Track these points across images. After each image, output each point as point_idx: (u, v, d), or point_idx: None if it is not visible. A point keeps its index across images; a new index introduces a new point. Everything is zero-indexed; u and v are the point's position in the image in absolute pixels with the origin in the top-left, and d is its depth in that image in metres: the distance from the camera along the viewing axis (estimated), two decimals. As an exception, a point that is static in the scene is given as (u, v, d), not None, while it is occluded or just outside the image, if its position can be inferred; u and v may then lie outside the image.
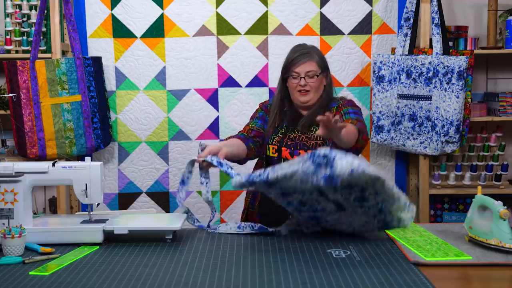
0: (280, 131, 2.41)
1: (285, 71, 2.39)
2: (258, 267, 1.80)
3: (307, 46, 2.43)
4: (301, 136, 2.38)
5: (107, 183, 3.32)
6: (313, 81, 2.36)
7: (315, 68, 2.37)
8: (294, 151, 2.36)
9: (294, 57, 2.36)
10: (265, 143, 2.43)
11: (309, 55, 2.37)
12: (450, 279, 1.72)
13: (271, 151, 2.40)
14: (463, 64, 2.99)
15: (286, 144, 2.37)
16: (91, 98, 3.18)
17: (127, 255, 1.95)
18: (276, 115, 2.41)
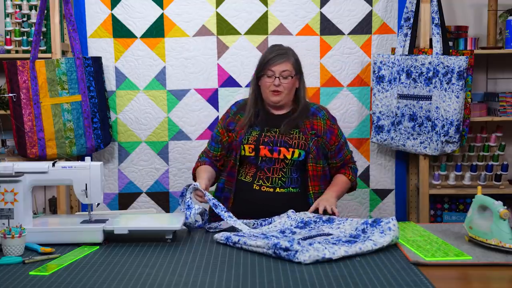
0: (254, 132, 2.42)
1: (260, 70, 2.42)
2: (258, 267, 1.80)
3: (284, 47, 2.46)
4: (280, 135, 2.40)
5: (107, 183, 3.32)
6: (287, 82, 2.38)
7: (290, 69, 2.39)
8: (274, 148, 2.37)
9: (271, 56, 2.39)
10: (237, 143, 2.41)
11: (286, 56, 2.39)
12: (450, 279, 1.72)
13: (247, 150, 2.39)
14: (463, 64, 2.99)
15: (263, 142, 2.38)
16: (91, 98, 3.18)
17: (127, 255, 1.95)
18: (250, 116, 2.44)
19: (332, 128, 2.48)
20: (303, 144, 2.37)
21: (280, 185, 2.37)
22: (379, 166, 3.35)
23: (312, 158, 2.39)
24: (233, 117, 2.50)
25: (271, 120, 2.45)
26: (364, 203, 3.36)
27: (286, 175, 2.38)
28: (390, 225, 1.97)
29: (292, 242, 1.83)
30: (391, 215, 3.35)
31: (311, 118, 2.45)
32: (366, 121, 3.32)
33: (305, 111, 2.46)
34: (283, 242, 1.84)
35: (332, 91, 3.29)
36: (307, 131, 2.41)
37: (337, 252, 1.82)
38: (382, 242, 1.91)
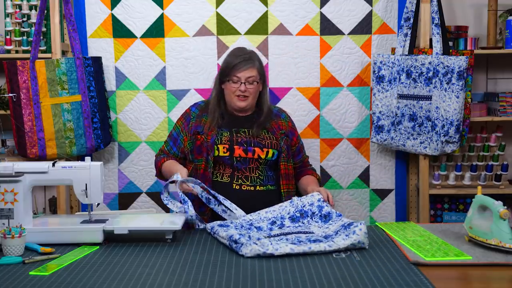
0: (224, 133, 2.43)
1: (225, 75, 2.42)
2: (258, 267, 1.80)
3: (248, 51, 2.46)
4: (252, 136, 2.44)
5: (107, 183, 3.32)
6: (252, 87, 2.41)
7: (256, 74, 2.41)
8: (248, 148, 2.39)
9: (236, 62, 2.38)
10: (208, 145, 2.40)
11: (251, 62, 2.41)
12: (450, 279, 1.72)
13: (221, 150, 2.39)
14: (463, 64, 2.99)
15: (237, 142, 2.40)
16: (91, 98, 3.18)
17: (127, 255, 1.95)
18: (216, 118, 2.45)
19: (293, 130, 2.58)
20: (275, 144, 2.43)
21: (259, 183, 2.41)
22: (379, 166, 3.35)
23: (284, 157, 2.45)
24: (197, 120, 2.51)
25: (237, 122, 2.48)
26: (364, 203, 3.36)
27: (262, 173, 2.42)
28: (356, 229, 1.97)
29: (242, 235, 1.93)
30: (391, 215, 3.36)
31: (275, 119, 2.53)
32: (366, 121, 3.32)
33: (270, 113, 2.53)
34: (236, 234, 1.93)
35: (332, 91, 3.29)
36: (275, 131, 2.47)
37: (281, 249, 1.86)
38: (339, 245, 1.92)
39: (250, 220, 2.16)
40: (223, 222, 2.15)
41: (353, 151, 3.32)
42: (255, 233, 2.06)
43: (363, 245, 1.96)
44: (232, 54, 2.46)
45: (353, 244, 1.94)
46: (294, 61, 3.27)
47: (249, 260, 1.86)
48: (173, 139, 2.54)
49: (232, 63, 2.39)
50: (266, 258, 1.87)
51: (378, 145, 3.33)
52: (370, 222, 3.35)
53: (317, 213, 2.18)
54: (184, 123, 2.54)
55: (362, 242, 1.96)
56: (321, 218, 2.17)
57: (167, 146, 2.58)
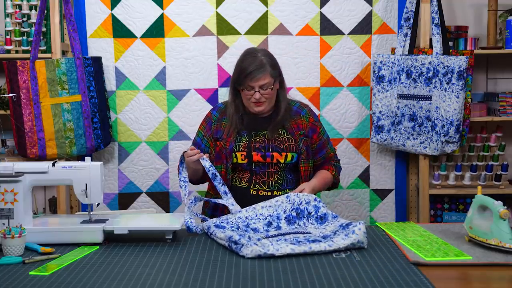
0: (243, 138, 2.38)
1: (239, 84, 2.35)
2: (258, 267, 1.80)
3: (259, 56, 2.35)
4: (270, 140, 2.38)
5: (107, 183, 3.32)
6: (267, 93, 2.34)
7: (269, 80, 2.33)
8: (266, 154, 2.35)
9: (249, 71, 2.31)
10: (227, 152, 2.37)
11: (263, 69, 2.32)
12: (450, 279, 1.72)
13: (239, 158, 2.35)
14: (463, 64, 2.99)
15: (255, 148, 2.35)
16: (91, 98, 3.18)
17: (127, 255, 1.95)
18: (235, 123, 2.39)
19: (314, 126, 2.46)
20: (294, 147, 2.37)
21: (277, 187, 2.36)
22: (379, 166, 3.35)
23: (304, 158, 2.39)
24: (218, 124, 2.44)
25: (257, 123, 2.41)
26: (364, 203, 3.36)
27: (281, 177, 2.38)
28: (356, 228, 1.96)
29: (242, 236, 1.93)
30: (391, 215, 3.36)
31: (295, 118, 2.44)
32: (366, 121, 3.32)
33: (289, 111, 2.44)
34: (235, 235, 1.93)
35: (332, 91, 3.29)
36: (294, 131, 2.40)
37: (282, 249, 1.87)
38: (339, 244, 1.92)
39: (246, 219, 2.15)
40: (219, 222, 2.14)
41: (353, 151, 3.32)
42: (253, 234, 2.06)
43: (362, 244, 1.96)
44: (243, 60, 2.37)
45: (352, 244, 1.94)
46: (294, 61, 3.27)
47: (249, 260, 1.86)
48: (197, 145, 2.46)
49: (244, 72, 2.32)
50: (266, 258, 1.87)
51: (378, 145, 3.33)
52: (370, 222, 3.35)
53: (313, 214, 2.17)
54: (206, 127, 2.47)
55: (362, 242, 1.96)
56: (317, 220, 2.16)
57: None
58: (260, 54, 2.38)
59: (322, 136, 2.49)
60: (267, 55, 2.40)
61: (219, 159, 2.39)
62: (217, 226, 2.11)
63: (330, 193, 3.31)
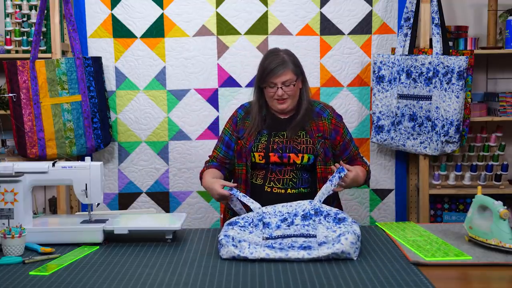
0: (262, 138, 2.41)
1: (262, 82, 2.40)
2: (258, 267, 1.80)
3: (280, 54, 2.41)
4: (288, 140, 2.39)
5: (107, 183, 3.32)
6: (289, 90, 2.37)
7: (291, 76, 2.37)
8: (283, 155, 2.36)
9: (271, 68, 2.35)
10: (247, 151, 2.40)
11: (285, 65, 2.36)
12: (450, 279, 1.72)
13: (257, 158, 2.38)
14: (463, 64, 2.99)
15: (273, 149, 2.37)
16: (91, 98, 3.18)
17: (127, 255, 1.95)
18: (257, 123, 2.43)
19: (337, 127, 2.46)
20: (311, 149, 2.37)
21: (291, 185, 2.36)
22: (379, 166, 3.35)
23: (321, 160, 2.38)
24: (242, 123, 2.49)
25: (278, 124, 2.44)
26: (364, 203, 3.36)
27: (296, 176, 2.38)
28: (342, 238, 1.89)
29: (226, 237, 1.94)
30: (391, 215, 3.36)
31: (316, 119, 2.44)
32: (366, 121, 3.32)
33: (310, 112, 2.44)
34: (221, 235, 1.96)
35: (332, 91, 3.29)
36: (313, 133, 2.40)
37: (257, 253, 1.88)
38: (320, 253, 1.88)
39: (263, 213, 2.13)
40: (234, 219, 2.12)
41: (353, 151, 3.32)
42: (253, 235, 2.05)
43: (349, 255, 1.88)
44: (266, 58, 2.42)
45: (335, 254, 1.87)
46: (294, 61, 3.26)
47: (249, 261, 1.86)
48: (225, 143, 2.50)
49: (266, 69, 2.37)
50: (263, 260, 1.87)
51: (378, 145, 3.33)
52: (370, 222, 3.35)
53: (332, 215, 2.13)
54: (232, 125, 2.51)
55: (348, 253, 1.87)
56: (335, 220, 2.12)
57: (219, 151, 2.51)
58: (282, 52, 2.43)
59: (346, 136, 2.48)
60: (289, 53, 2.44)
61: (240, 158, 2.43)
62: (230, 224, 2.09)
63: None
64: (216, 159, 2.50)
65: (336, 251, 1.86)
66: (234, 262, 1.85)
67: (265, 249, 1.90)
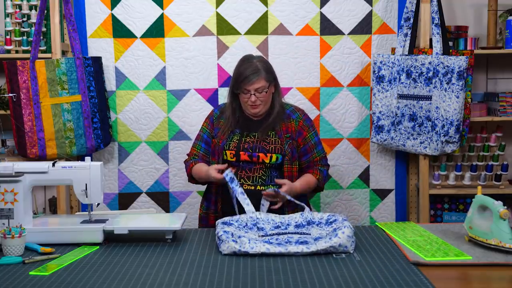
0: (234, 137, 2.53)
1: (236, 87, 2.51)
2: (258, 267, 1.80)
3: (254, 62, 2.51)
4: (258, 140, 2.51)
5: (107, 183, 3.32)
6: (262, 96, 2.49)
7: (264, 84, 2.48)
8: (253, 154, 2.47)
9: (245, 76, 2.46)
10: (219, 148, 2.52)
11: (258, 73, 2.47)
12: (450, 279, 1.72)
13: (228, 156, 2.50)
14: (463, 64, 2.99)
15: (243, 148, 2.49)
16: (91, 98, 3.18)
17: (127, 255, 1.95)
18: (230, 123, 2.54)
19: (302, 130, 2.56)
20: (279, 148, 2.49)
21: (260, 183, 2.47)
22: (379, 166, 3.35)
23: (288, 160, 2.50)
24: (217, 122, 2.61)
25: (250, 124, 2.55)
26: (364, 203, 3.36)
27: (266, 174, 2.49)
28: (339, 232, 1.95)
29: (226, 232, 1.97)
30: (391, 215, 3.36)
31: (286, 121, 2.56)
32: (366, 121, 3.32)
33: (280, 114, 2.56)
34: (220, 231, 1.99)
35: (332, 91, 3.29)
36: (282, 134, 2.52)
37: (257, 248, 1.91)
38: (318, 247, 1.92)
39: (256, 219, 2.16)
40: (228, 220, 2.14)
41: (353, 151, 3.32)
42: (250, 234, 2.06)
43: (346, 248, 1.93)
44: (240, 65, 2.54)
45: (333, 247, 1.92)
46: (294, 61, 3.27)
47: (249, 260, 1.86)
48: (204, 140, 2.62)
49: (241, 76, 2.48)
50: (267, 258, 1.88)
51: (378, 145, 3.33)
52: (370, 222, 3.35)
53: (324, 222, 2.16)
54: (209, 124, 2.64)
55: (345, 246, 1.93)
56: (327, 223, 2.15)
57: (199, 148, 2.62)
58: (256, 60, 2.54)
59: (310, 141, 2.57)
60: (262, 61, 2.56)
61: (213, 155, 2.56)
62: (224, 223, 2.11)
63: (330, 193, 3.32)
64: (197, 156, 2.60)
65: (334, 244, 1.92)
66: (234, 262, 1.85)
67: (265, 244, 1.93)
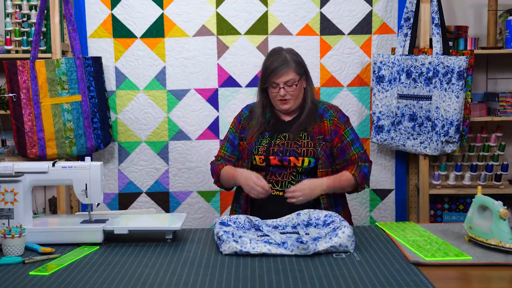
0: (263, 140, 2.38)
1: (264, 82, 2.37)
2: (258, 267, 1.80)
3: (283, 53, 2.38)
4: (289, 142, 2.36)
5: (107, 183, 3.32)
6: (292, 90, 2.34)
7: (293, 76, 2.34)
8: (284, 158, 2.33)
9: (272, 68, 2.33)
10: (248, 153, 2.38)
11: (287, 65, 2.33)
12: (450, 279, 1.72)
13: (257, 161, 2.36)
14: (463, 64, 2.99)
15: (273, 152, 2.34)
16: (91, 98, 3.18)
17: (127, 255, 1.95)
18: (260, 123, 2.40)
19: (337, 128, 2.40)
20: (312, 152, 2.33)
21: (289, 187, 2.31)
22: (379, 166, 3.35)
23: (322, 163, 2.34)
24: (246, 122, 2.46)
25: (281, 126, 2.41)
26: (364, 203, 3.36)
27: (296, 178, 2.34)
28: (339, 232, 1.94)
29: (226, 233, 1.96)
30: (391, 215, 3.36)
31: (318, 121, 2.40)
32: (366, 121, 3.32)
33: (313, 113, 2.40)
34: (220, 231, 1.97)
35: (332, 91, 3.29)
36: (315, 135, 2.37)
37: (258, 248, 1.90)
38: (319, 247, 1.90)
39: (255, 221, 2.13)
40: (225, 220, 2.13)
41: (353, 151, 3.32)
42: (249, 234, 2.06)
43: (346, 248, 1.93)
44: (268, 57, 2.39)
45: (334, 247, 1.91)
46: (294, 61, 3.26)
47: (249, 260, 1.86)
48: (231, 141, 2.48)
49: (268, 69, 2.34)
50: (267, 258, 1.87)
51: (378, 145, 3.33)
52: (370, 222, 3.35)
53: (321, 224, 2.14)
54: (236, 124, 2.49)
55: (345, 245, 1.92)
56: (324, 223, 2.13)
57: (226, 150, 2.48)
58: (285, 52, 2.39)
59: (346, 138, 2.40)
60: (292, 52, 2.41)
61: (242, 159, 2.41)
62: (222, 223, 2.10)
63: (330, 193, 3.32)
64: (223, 158, 2.48)
65: (335, 244, 1.92)
66: (234, 262, 1.85)
67: (266, 245, 1.91)
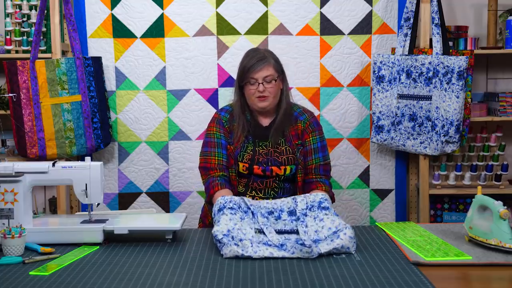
0: (249, 146, 2.38)
1: (242, 78, 2.36)
2: (258, 267, 1.80)
3: (261, 51, 2.40)
4: (270, 151, 2.37)
5: (107, 183, 3.32)
6: (271, 86, 2.34)
7: (273, 72, 2.34)
8: (266, 168, 2.35)
9: (251, 63, 2.32)
10: (234, 158, 2.37)
11: (266, 60, 2.34)
12: (450, 279, 1.72)
13: (241, 168, 2.36)
14: (463, 64, 2.99)
15: (257, 162, 2.35)
16: (91, 98, 3.18)
17: (127, 255, 1.95)
18: (242, 125, 2.38)
19: (307, 131, 2.41)
20: (291, 159, 2.37)
21: (272, 195, 2.37)
22: (379, 166, 3.35)
23: (301, 168, 2.39)
24: (230, 125, 2.42)
25: (261, 131, 2.40)
26: (364, 203, 3.36)
27: (278, 186, 2.39)
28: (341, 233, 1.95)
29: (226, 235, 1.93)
30: (391, 215, 3.36)
31: (294, 124, 2.42)
32: (366, 121, 3.32)
33: (288, 114, 2.41)
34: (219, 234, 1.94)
35: (332, 91, 3.29)
36: (292, 140, 2.39)
37: (261, 252, 1.89)
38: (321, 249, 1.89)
39: (250, 205, 2.11)
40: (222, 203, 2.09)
41: (353, 151, 3.32)
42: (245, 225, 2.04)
43: (348, 249, 1.93)
44: (246, 56, 2.39)
45: (336, 249, 1.91)
46: (294, 61, 3.27)
47: (249, 260, 1.86)
48: (224, 146, 2.39)
49: (247, 65, 2.34)
50: (266, 258, 1.87)
51: (378, 145, 3.33)
52: (370, 222, 3.35)
53: (316, 205, 2.13)
54: (221, 128, 2.42)
55: (347, 247, 1.93)
56: (319, 207, 2.11)
57: (220, 157, 2.37)
58: (263, 50, 2.42)
59: (310, 144, 2.41)
60: (269, 51, 2.44)
61: (229, 163, 2.39)
62: (220, 210, 2.07)
63: (330, 193, 3.32)
64: (220, 166, 2.36)
65: (337, 246, 1.91)
66: (234, 262, 1.85)
67: (268, 248, 1.91)
